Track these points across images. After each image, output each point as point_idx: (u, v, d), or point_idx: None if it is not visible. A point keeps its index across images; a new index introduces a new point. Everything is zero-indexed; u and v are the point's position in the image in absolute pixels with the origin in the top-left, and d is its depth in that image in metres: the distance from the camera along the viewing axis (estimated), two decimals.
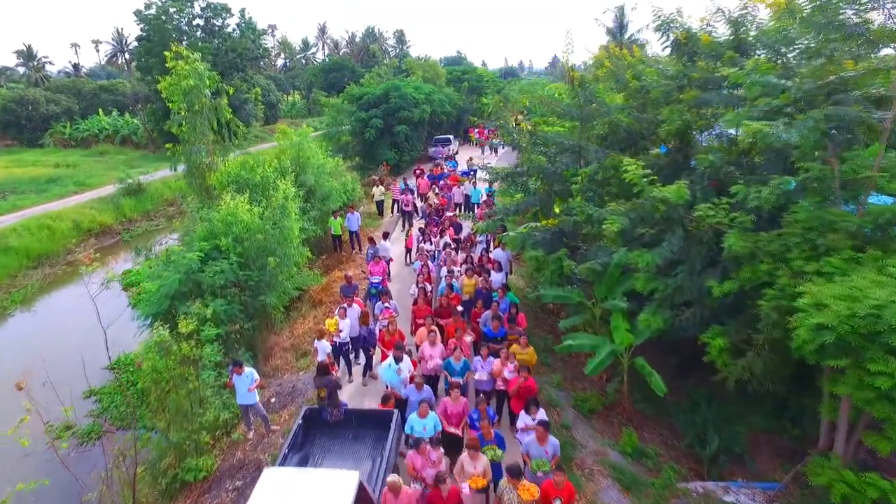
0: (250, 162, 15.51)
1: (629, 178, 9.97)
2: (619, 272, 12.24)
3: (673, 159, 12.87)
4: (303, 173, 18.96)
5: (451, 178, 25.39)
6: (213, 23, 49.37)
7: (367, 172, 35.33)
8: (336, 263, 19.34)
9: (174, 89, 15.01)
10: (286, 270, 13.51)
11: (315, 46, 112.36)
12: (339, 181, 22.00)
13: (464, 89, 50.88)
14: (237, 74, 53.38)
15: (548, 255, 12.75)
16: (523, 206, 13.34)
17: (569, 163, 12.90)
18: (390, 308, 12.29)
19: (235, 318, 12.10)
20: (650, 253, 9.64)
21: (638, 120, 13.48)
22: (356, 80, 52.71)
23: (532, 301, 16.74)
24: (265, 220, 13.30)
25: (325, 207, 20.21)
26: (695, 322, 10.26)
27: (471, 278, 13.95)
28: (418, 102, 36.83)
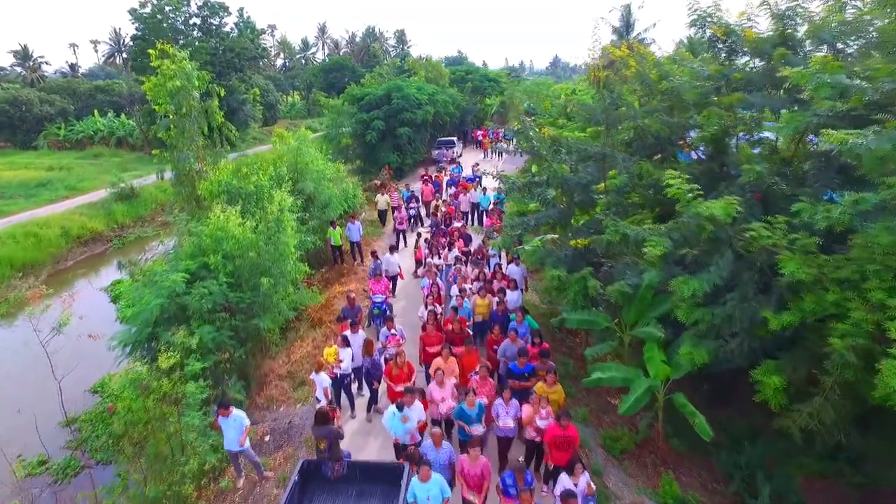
0: (243, 169, 14.27)
1: (673, 193, 8.75)
2: (651, 294, 11.05)
3: (707, 168, 11.66)
4: (301, 180, 17.75)
5: (459, 184, 24.15)
6: (211, 22, 48.27)
7: (369, 176, 34.13)
8: (336, 277, 18.12)
9: (159, 90, 13.79)
10: (282, 290, 12.28)
11: (315, 46, 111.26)
12: (340, 187, 20.75)
13: (467, 90, 49.66)
14: (235, 75, 52.36)
15: (570, 274, 11.54)
16: (543, 219, 12.11)
17: (593, 172, 11.67)
18: (396, 335, 11.07)
19: (225, 345, 10.88)
20: (696, 279, 8.42)
21: (666, 124, 12.26)
22: (356, 80, 51.53)
23: (547, 317, 15.57)
24: (259, 234, 12.08)
25: (324, 216, 18.98)
26: (741, 354, 9.06)
27: (484, 298, 12.74)
28: (421, 103, 35.62)
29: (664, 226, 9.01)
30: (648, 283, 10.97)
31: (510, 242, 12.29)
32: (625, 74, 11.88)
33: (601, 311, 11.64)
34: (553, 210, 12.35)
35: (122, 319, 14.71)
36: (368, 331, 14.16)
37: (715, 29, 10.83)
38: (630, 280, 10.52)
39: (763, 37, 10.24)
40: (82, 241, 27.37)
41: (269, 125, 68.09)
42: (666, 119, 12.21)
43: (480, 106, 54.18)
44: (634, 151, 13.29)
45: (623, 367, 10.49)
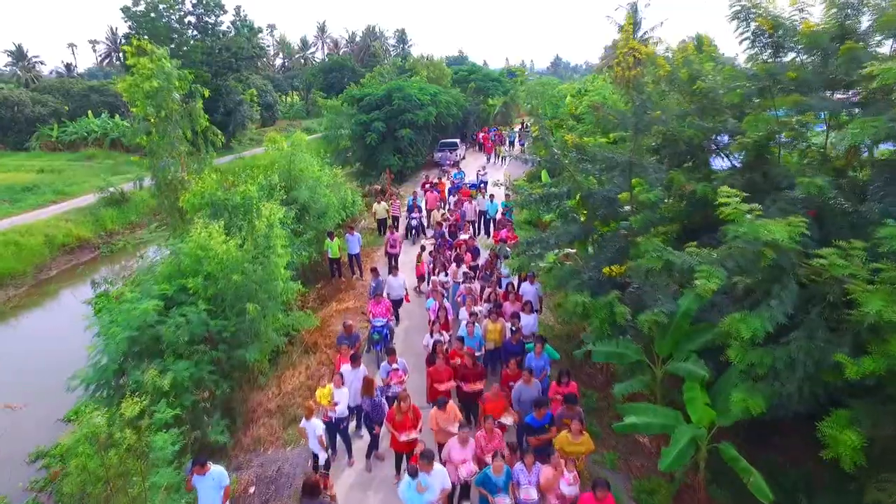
0: (230, 178, 12.95)
1: (728, 214, 7.42)
2: (688, 323, 9.74)
3: (749, 180, 10.31)
4: (295, 188, 16.42)
5: (462, 192, 22.75)
6: (206, 20, 46.87)
7: (369, 180, 32.81)
8: (333, 293, 16.79)
9: (135, 91, 12.45)
10: (271, 315, 10.95)
11: (314, 46, 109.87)
12: (338, 195, 19.42)
13: (470, 90, 48.29)
14: (232, 75, 51.07)
15: (595, 300, 10.22)
16: (564, 237, 10.78)
17: (620, 183, 10.34)
18: (399, 369, 9.74)
19: (205, 382, 9.55)
20: (756, 317, 7.08)
21: (700, 129, 10.95)
22: (356, 80, 50.21)
23: (564, 340, 14.24)
24: (245, 252, 10.76)
25: (321, 226, 17.66)
26: (802, 400, 7.75)
27: (496, 322, 11.42)
28: (423, 104, 34.26)
29: (716, 252, 7.68)
30: (685, 311, 9.71)
31: (528, 264, 10.97)
32: (659, 74, 10.53)
33: (629, 341, 10.33)
34: (574, 226, 11.02)
35: None
36: (367, 356, 12.87)
37: (762, 21, 9.49)
38: (664, 307, 9.22)
39: (819, 29, 8.89)
40: (68, 249, 26.00)
41: (267, 126, 66.77)
42: (700, 123, 10.91)
43: (483, 106, 52.81)
44: (662, 159, 12.01)
45: (660, 411, 9.13)
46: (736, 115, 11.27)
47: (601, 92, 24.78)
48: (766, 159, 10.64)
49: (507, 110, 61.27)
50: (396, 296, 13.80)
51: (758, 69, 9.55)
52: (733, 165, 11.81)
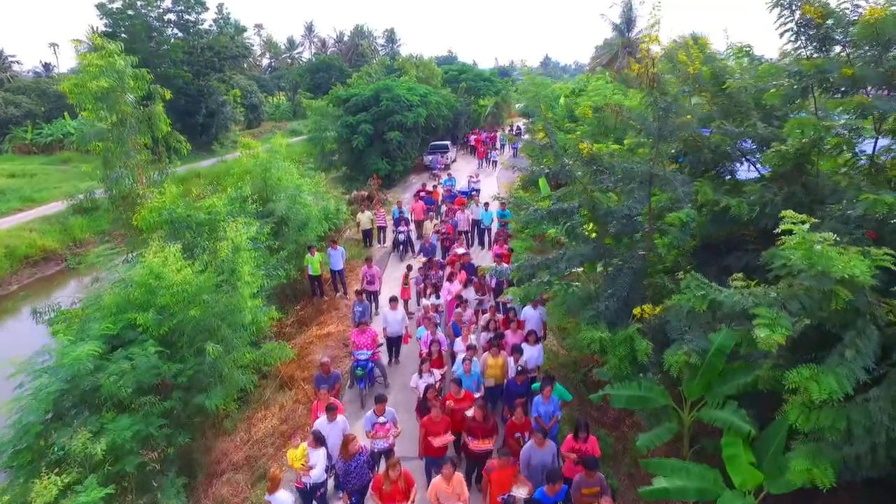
0: (194, 191, 11.42)
1: (793, 248, 6.02)
2: (722, 361, 8.35)
3: (789, 194, 8.95)
4: (272, 199, 14.90)
5: (456, 200, 21.21)
6: (187, 18, 45.02)
7: (356, 185, 31.22)
8: (314, 315, 15.24)
9: (82, 92, 10.83)
10: (237, 352, 9.43)
11: (302, 45, 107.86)
12: (320, 205, 17.92)
13: (461, 90, 46.82)
14: (214, 75, 49.24)
15: (613, 334, 8.81)
16: (576, 260, 9.34)
17: (640, 197, 8.92)
18: (386, 422, 8.25)
19: (155, 441, 8.02)
20: (830, 373, 5.68)
21: (730, 135, 9.58)
22: (344, 80, 48.61)
23: (570, 370, 12.82)
24: (206, 279, 9.22)
25: (301, 239, 16.13)
26: (875, 465, 6.39)
27: (497, 357, 9.96)
28: (412, 105, 32.75)
29: (775, 289, 6.27)
30: (719, 348, 8.33)
31: (535, 293, 9.51)
32: (688, 71, 9.12)
33: (653, 381, 8.92)
34: (586, 247, 9.58)
35: None
36: (350, 392, 11.39)
37: (809, 10, 8.11)
38: (693, 343, 7.84)
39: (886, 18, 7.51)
40: (31, 261, 24.25)
41: (252, 128, 64.93)
42: (729, 128, 9.53)
43: (474, 107, 51.35)
44: (683, 167, 10.63)
45: (694, 470, 7.69)
46: (763, 118, 9.97)
47: (602, 91, 23.39)
48: (804, 169, 9.30)
49: (498, 111, 59.87)
50: (394, 332, 11.85)
51: (804, 66, 8.15)
52: (761, 175, 10.49)
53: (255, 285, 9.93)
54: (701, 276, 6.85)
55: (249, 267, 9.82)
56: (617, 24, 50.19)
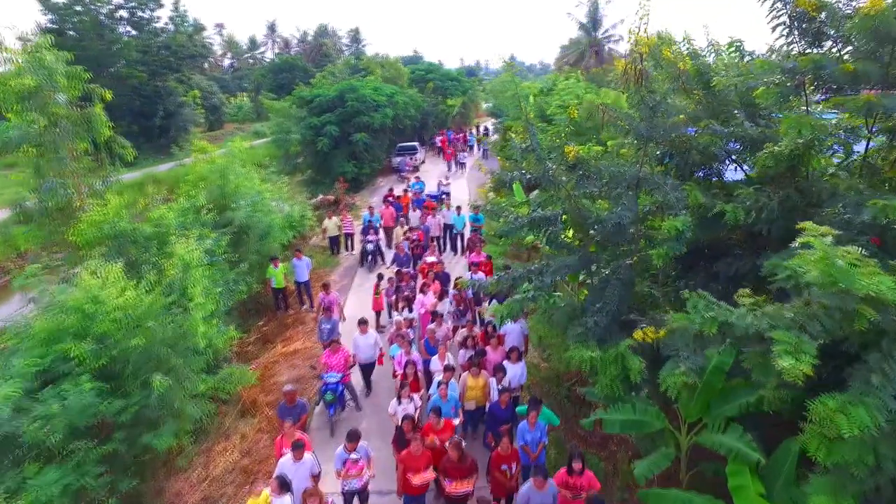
0: (141, 201, 10.34)
1: (813, 263, 5.41)
2: (721, 379, 7.79)
3: (784, 198, 8.45)
4: (230, 208, 13.84)
5: (427, 204, 20.37)
6: (141, 15, 43.02)
7: (322, 188, 30.10)
8: (279, 330, 14.22)
9: (3, 91, 9.58)
10: (188, 382, 8.42)
11: (264, 45, 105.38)
12: (284, 212, 16.90)
13: (428, 90, 45.97)
14: (172, 75, 47.31)
15: (603, 352, 8.16)
16: (562, 270, 8.63)
17: (629, 204, 8.25)
18: (359, 459, 7.39)
19: (90, 490, 6.99)
20: (860, 403, 5.08)
21: (720, 135, 9.05)
22: (308, 80, 47.24)
23: (553, 383, 12.17)
24: (154, 302, 8.20)
25: (263, 249, 15.10)
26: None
27: (477, 377, 9.21)
28: (379, 105, 31.78)
29: (791, 309, 5.67)
30: (717, 366, 7.78)
31: (519, 310, 8.77)
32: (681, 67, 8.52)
33: (648, 402, 8.31)
34: (571, 257, 8.90)
35: None
36: (319, 418, 10.49)
37: (803, 2, 7.59)
38: (689, 360, 7.25)
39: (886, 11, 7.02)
40: None
41: (214, 130, 62.88)
42: (718, 128, 8.99)
43: (442, 107, 50.55)
44: (668, 169, 10.08)
45: (693, 499, 7.09)
46: (747, 117, 9.49)
47: (573, 90, 22.91)
48: (797, 171, 8.84)
49: (465, 111, 59.25)
50: (366, 359, 10.85)
51: (801, 61, 7.63)
52: (747, 176, 10.03)
53: (209, 306, 8.93)
54: (708, 295, 6.20)
55: (203, 286, 8.82)
56: (583, 23, 50.18)
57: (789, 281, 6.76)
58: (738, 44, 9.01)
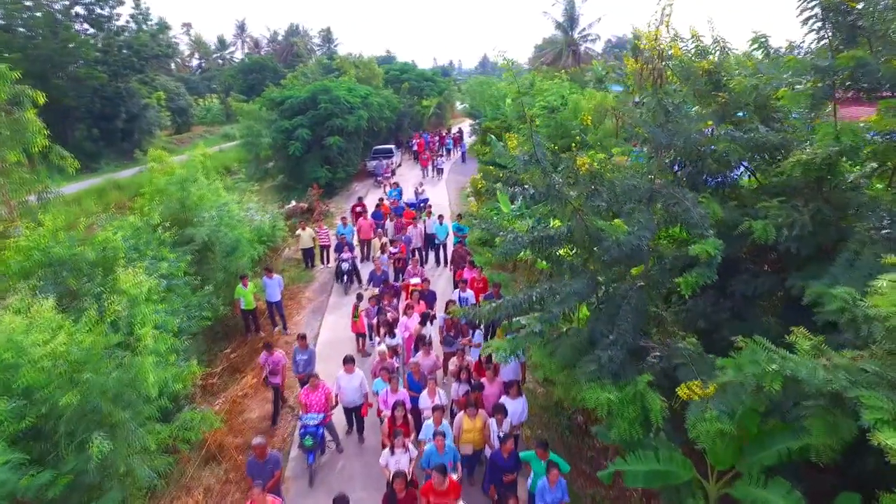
0: (82, 222, 8.99)
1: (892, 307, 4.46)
2: (756, 422, 6.83)
3: (814, 211, 7.56)
4: (192, 223, 12.52)
5: (406, 213, 19.14)
6: (99, 13, 40.85)
7: (294, 194, 28.65)
8: (249, 357, 12.90)
9: None
10: (137, 439, 7.14)
11: (233, 45, 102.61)
12: (254, 223, 15.60)
13: (403, 91, 44.72)
14: (135, 76, 45.17)
15: (620, 390, 7.17)
16: (569, 299, 7.59)
17: (646, 222, 7.25)
18: None
19: None
20: None
21: (737, 142, 8.13)
22: (279, 81, 45.61)
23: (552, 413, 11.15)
24: (95, 344, 6.91)
25: (231, 266, 13.79)
26: None
27: (474, 418, 8.11)
28: (353, 107, 30.43)
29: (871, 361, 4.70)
30: (754, 406, 6.82)
31: (523, 345, 7.71)
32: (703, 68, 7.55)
33: (670, 445, 7.33)
34: (578, 281, 7.85)
35: None
36: (295, 465, 9.27)
37: None
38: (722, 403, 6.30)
39: None
40: None
41: (181, 132, 60.59)
42: (738, 135, 8.07)
43: (417, 108, 49.37)
44: (679, 179, 9.14)
45: None
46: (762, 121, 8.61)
47: (557, 90, 22.00)
48: (824, 180, 7.99)
49: (441, 111, 58.17)
50: (350, 402, 9.45)
51: (840, 60, 6.73)
52: (760, 185, 9.19)
53: (164, 344, 7.64)
54: (766, 342, 5.21)
55: (155, 322, 7.53)
56: (560, 22, 49.55)
57: (842, 314, 5.87)
58: (762, 39, 8.06)
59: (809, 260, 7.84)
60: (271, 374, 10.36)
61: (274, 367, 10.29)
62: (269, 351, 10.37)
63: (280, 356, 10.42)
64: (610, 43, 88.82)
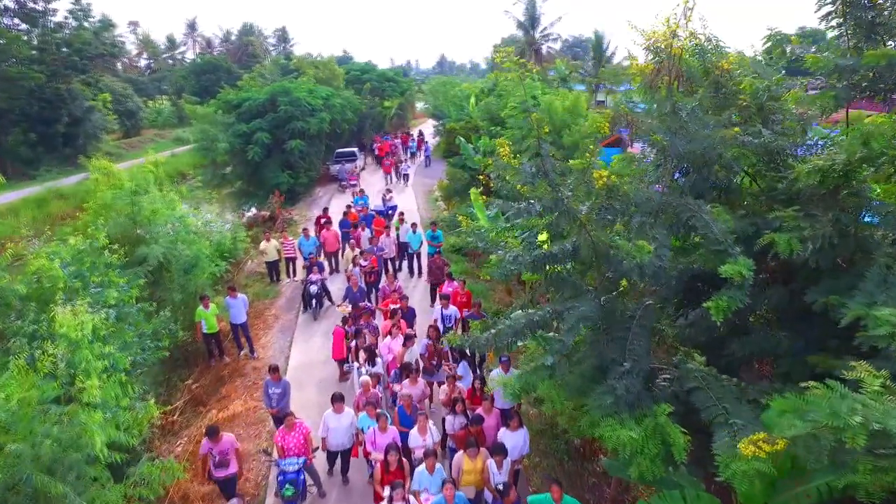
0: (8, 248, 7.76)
1: None
2: (789, 455, 6.22)
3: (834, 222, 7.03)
4: (145, 241, 11.30)
5: (376, 222, 18.07)
6: (32, 7, 38.14)
7: (254, 201, 27.22)
8: (213, 386, 11.73)
9: None
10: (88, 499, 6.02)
11: (184, 45, 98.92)
12: (213, 237, 14.38)
13: (365, 91, 43.51)
14: (77, 76, 42.54)
15: (638, 422, 6.48)
16: (579, 326, 6.84)
17: (663, 239, 6.58)
18: None
19: None
20: None
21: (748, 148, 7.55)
22: (233, 82, 43.73)
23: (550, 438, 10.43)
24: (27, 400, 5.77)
25: (189, 285, 12.59)
26: None
27: (475, 458, 7.28)
28: (315, 109, 29.14)
29: None
30: None
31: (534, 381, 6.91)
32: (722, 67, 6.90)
33: (692, 481, 6.69)
34: (585, 304, 7.09)
35: None
36: None
37: None
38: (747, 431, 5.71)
39: None
40: None
41: (130, 136, 57.69)
42: (749, 140, 7.48)
43: (379, 109, 48.17)
44: (685, 188, 8.54)
45: None
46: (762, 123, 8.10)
47: (531, 92, 21.38)
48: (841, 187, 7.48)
49: (402, 112, 57.12)
50: (339, 445, 8.37)
51: (869, 57, 6.18)
52: (761, 191, 8.69)
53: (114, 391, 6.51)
54: (842, 387, 4.54)
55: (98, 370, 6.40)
56: (522, 21, 49.20)
57: (891, 340, 5.31)
58: (778, 37, 7.48)
59: (821, 272, 7.34)
60: (218, 468, 7.94)
61: (223, 458, 7.90)
62: (214, 438, 7.83)
63: (228, 442, 8.00)
64: (567, 43, 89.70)
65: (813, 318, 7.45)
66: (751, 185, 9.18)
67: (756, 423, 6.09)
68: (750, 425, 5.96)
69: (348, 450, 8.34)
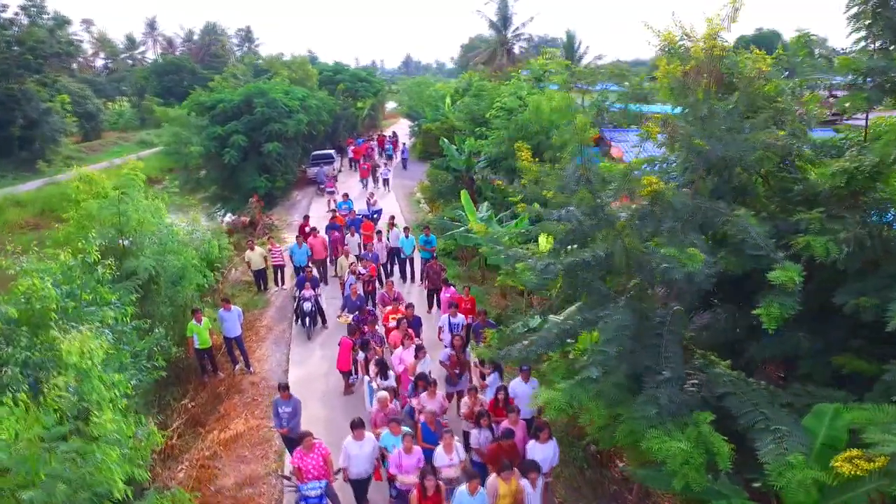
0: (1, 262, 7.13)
1: None
2: None
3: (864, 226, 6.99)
4: (133, 253, 10.65)
5: (364, 226, 17.58)
6: None
7: (231, 206, 26.40)
8: (210, 404, 11.13)
9: None
10: None
11: (144, 45, 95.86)
12: (200, 247, 13.74)
13: (339, 92, 42.77)
14: (31, 76, 40.62)
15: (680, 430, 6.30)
16: (618, 338, 6.62)
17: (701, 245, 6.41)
18: None
19: None
20: None
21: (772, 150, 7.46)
22: (198, 82, 42.37)
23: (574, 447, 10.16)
24: (30, 444, 5.21)
25: (178, 297, 11.97)
26: None
27: (509, 480, 6.96)
28: (292, 111, 28.42)
29: None
30: (829, 442, 6.17)
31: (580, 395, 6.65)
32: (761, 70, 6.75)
33: (737, 490, 6.54)
34: (621, 312, 6.86)
35: None
36: None
37: None
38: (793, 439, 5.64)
39: None
40: None
41: (90, 140, 55.40)
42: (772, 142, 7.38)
43: (352, 110, 47.43)
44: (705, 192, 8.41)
45: None
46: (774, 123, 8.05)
47: (516, 93, 21.20)
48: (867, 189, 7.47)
49: (374, 112, 56.43)
50: (361, 473, 7.77)
51: None
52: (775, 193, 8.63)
53: (128, 428, 5.98)
54: None
55: (112, 397, 5.86)
56: (493, 21, 49.15)
57: None
58: (808, 38, 7.39)
59: (845, 274, 7.30)
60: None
61: None
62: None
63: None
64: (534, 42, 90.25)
65: (833, 319, 7.42)
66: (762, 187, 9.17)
67: (798, 428, 6.00)
68: (795, 432, 5.87)
69: (369, 477, 7.88)
